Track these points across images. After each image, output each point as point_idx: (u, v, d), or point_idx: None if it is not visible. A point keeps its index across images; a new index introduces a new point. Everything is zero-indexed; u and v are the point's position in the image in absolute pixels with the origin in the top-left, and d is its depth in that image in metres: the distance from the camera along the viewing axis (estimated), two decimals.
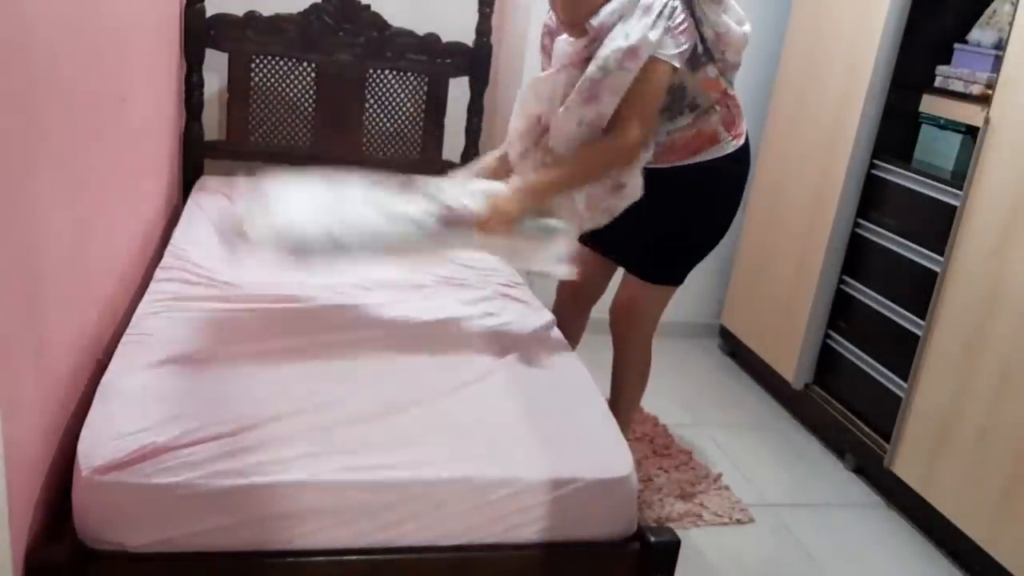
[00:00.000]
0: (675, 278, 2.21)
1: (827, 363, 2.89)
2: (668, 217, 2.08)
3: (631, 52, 1.75)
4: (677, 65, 1.82)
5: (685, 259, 2.19)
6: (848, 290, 2.80)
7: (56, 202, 1.38)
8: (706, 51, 1.90)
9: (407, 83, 2.97)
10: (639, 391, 2.38)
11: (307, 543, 1.35)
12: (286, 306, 1.90)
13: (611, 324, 2.31)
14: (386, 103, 2.98)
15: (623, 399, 2.34)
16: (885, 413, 2.52)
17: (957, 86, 2.47)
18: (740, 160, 2.07)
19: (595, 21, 1.79)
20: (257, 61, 2.86)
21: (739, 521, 2.35)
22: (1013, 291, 2.08)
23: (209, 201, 2.58)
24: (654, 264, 2.17)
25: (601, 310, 3.49)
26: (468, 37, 2.93)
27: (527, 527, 1.43)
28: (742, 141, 2.06)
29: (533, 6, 2.95)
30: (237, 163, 2.95)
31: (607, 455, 1.50)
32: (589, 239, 2.07)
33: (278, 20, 2.82)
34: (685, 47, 1.82)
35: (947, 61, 2.55)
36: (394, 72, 2.94)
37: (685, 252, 2.18)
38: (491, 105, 3.13)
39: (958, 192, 2.30)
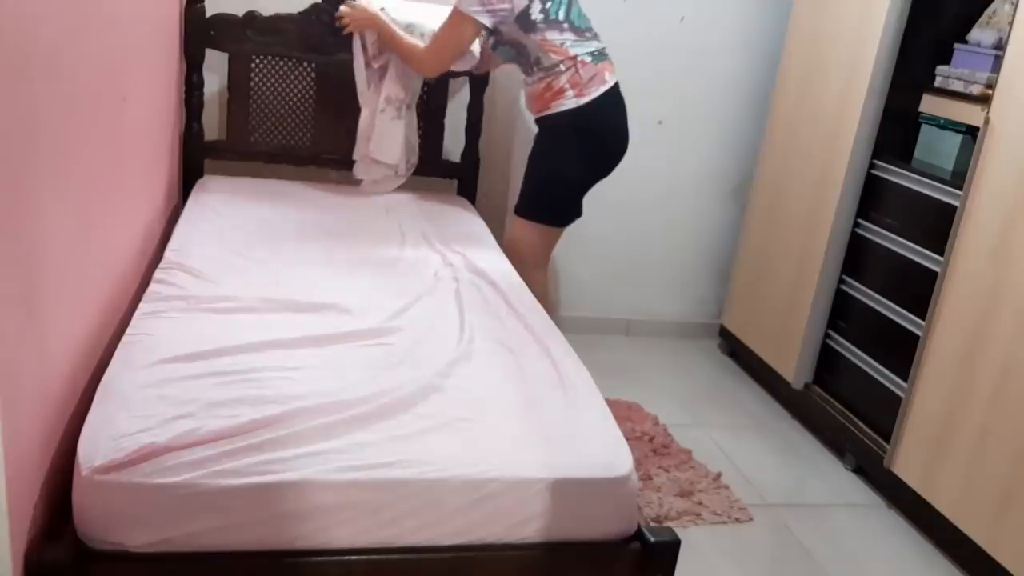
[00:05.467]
0: (529, 212, 2.66)
1: (827, 363, 2.89)
2: (530, 159, 2.64)
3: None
4: (484, 23, 2.45)
5: (535, 196, 2.66)
6: (848, 290, 2.80)
7: (56, 202, 1.38)
8: (545, 20, 2.46)
9: None
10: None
11: (307, 542, 1.35)
12: (284, 305, 1.91)
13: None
14: None
15: None
16: (885, 413, 2.52)
17: (957, 86, 2.47)
18: (582, 115, 2.52)
19: None
20: (257, 61, 2.86)
21: (739, 520, 2.35)
22: (1013, 291, 2.08)
23: (209, 201, 2.59)
24: (521, 199, 2.67)
25: (601, 310, 3.51)
26: None
27: (527, 526, 1.43)
28: (584, 100, 2.51)
29: None
30: (237, 163, 2.95)
31: (607, 454, 1.50)
32: None
33: (278, 20, 2.82)
34: (499, 12, 2.44)
35: (947, 61, 2.55)
36: None
37: (535, 190, 2.65)
38: (491, 105, 3.13)
39: (958, 192, 2.30)
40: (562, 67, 2.50)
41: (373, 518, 1.36)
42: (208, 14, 2.77)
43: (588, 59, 2.52)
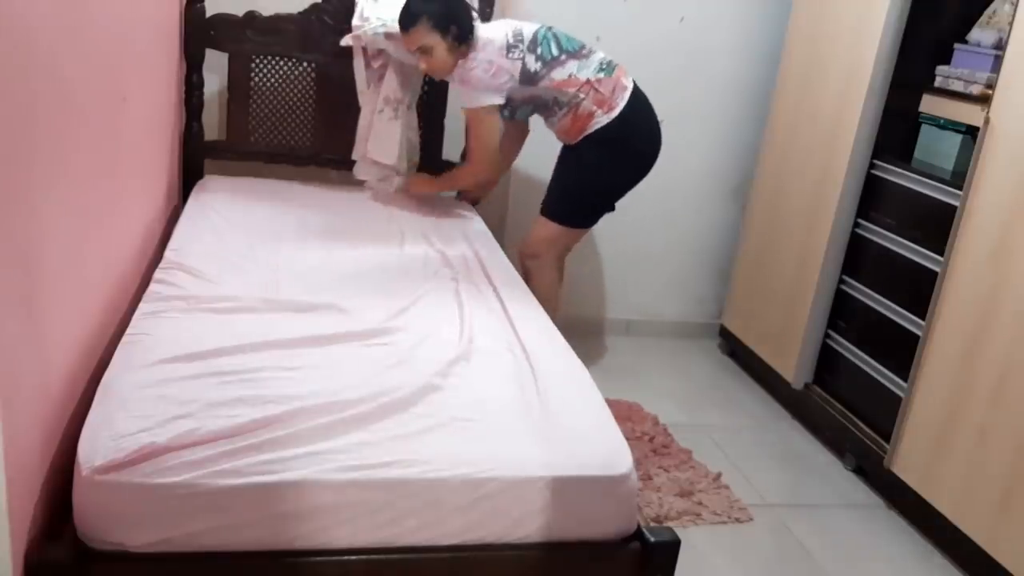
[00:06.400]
0: (565, 217, 2.76)
1: (827, 363, 2.89)
2: (568, 166, 2.71)
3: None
4: (498, 103, 2.55)
5: (574, 202, 2.76)
6: (848, 290, 2.80)
7: (56, 202, 1.38)
8: (544, 64, 2.55)
9: None
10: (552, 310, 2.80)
11: (307, 542, 1.35)
12: (284, 305, 1.91)
13: (520, 257, 2.82)
14: None
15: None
16: (885, 413, 2.52)
17: (957, 86, 2.47)
18: (615, 127, 2.60)
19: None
20: (257, 61, 2.86)
21: (738, 520, 2.35)
22: (1013, 291, 2.08)
23: (209, 201, 2.59)
24: (556, 206, 2.74)
25: (601, 310, 3.50)
26: None
27: (526, 525, 1.43)
28: (616, 112, 2.60)
29: (533, 6, 2.96)
30: (237, 163, 2.95)
31: (607, 453, 1.50)
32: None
33: (278, 20, 2.82)
34: (504, 85, 2.52)
35: (947, 61, 2.55)
36: None
37: (575, 196, 2.75)
38: None
39: (958, 192, 2.30)
40: (580, 94, 2.57)
41: (372, 518, 1.36)
42: (208, 14, 2.77)
43: (601, 75, 2.59)
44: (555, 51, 2.56)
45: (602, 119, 2.59)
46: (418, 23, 2.46)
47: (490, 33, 2.53)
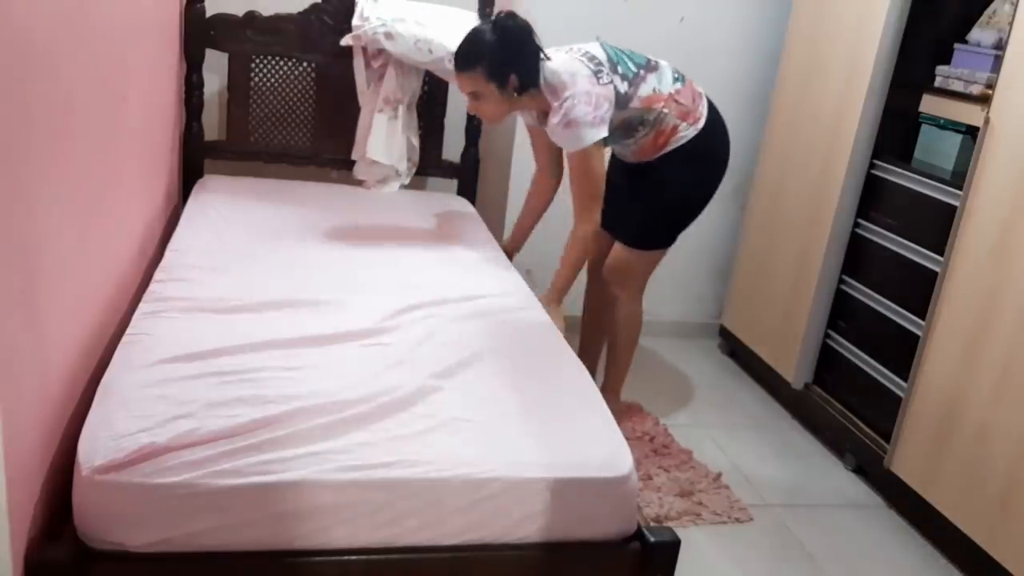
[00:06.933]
0: (663, 243, 2.56)
1: (827, 363, 2.89)
2: (651, 195, 2.47)
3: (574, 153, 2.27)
4: (605, 134, 2.23)
5: (665, 226, 2.54)
6: (848, 290, 2.80)
7: (56, 202, 1.38)
8: (630, 84, 2.30)
9: None
10: (632, 343, 2.67)
11: (307, 542, 1.35)
12: (284, 305, 1.91)
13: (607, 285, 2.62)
14: None
15: (618, 351, 2.67)
16: (885, 413, 2.52)
17: (957, 86, 2.47)
18: (702, 138, 2.40)
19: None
20: (257, 61, 2.86)
21: (739, 520, 2.35)
22: (1013, 291, 2.08)
23: (209, 201, 2.59)
24: (645, 234, 2.53)
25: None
26: None
27: (526, 526, 1.43)
28: (701, 123, 2.40)
29: (533, 6, 2.96)
30: (237, 163, 2.96)
31: (607, 454, 1.50)
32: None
33: (278, 20, 2.82)
34: (608, 113, 2.23)
35: (947, 61, 2.55)
36: None
37: (665, 220, 2.53)
38: None
39: (958, 192, 2.30)
40: (665, 109, 2.34)
41: (373, 518, 1.36)
42: (208, 14, 2.78)
43: (678, 85, 2.38)
44: (633, 67, 2.32)
45: (688, 132, 2.37)
46: (473, 69, 2.20)
47: (565, 66, 2.23)
